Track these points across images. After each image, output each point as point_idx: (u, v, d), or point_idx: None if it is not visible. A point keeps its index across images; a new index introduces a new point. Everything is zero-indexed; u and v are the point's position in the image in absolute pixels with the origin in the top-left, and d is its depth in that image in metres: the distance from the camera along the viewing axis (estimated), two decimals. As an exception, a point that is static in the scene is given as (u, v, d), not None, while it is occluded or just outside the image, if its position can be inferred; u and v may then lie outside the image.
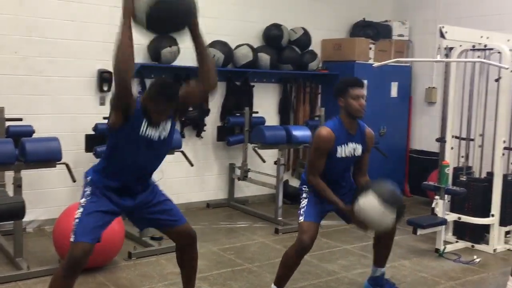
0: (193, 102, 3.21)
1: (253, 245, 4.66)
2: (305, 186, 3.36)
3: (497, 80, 4.67)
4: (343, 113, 3.26)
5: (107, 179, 2.71)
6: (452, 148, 4.79)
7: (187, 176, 5.71)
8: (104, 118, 4.30)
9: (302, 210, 3.28)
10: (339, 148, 3.23)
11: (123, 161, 2.70)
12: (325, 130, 3.21)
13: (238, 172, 5.90)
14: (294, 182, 6.15)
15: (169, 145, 2.86)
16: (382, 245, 3.47)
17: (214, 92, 2.76)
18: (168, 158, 3.07)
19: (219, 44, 5.64)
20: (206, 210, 5.83)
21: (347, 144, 3.26)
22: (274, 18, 6.13)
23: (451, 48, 4.83)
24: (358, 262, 4.25)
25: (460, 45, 4.75)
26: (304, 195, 3.35)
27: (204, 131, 5.81)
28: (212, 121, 5.89)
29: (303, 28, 6.25)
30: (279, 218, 5.22)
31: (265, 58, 5.93)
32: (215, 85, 2.73)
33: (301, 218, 3.25)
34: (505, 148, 4.59)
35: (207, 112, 5.74)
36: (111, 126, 2.65)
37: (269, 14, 6.15)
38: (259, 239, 4.81)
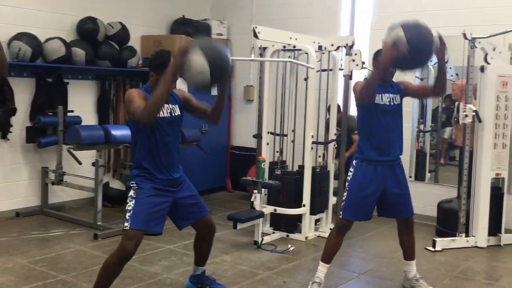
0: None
1: (69, 253, 4.34)
2: (133, 182, 3.12)
3: (306, 79, 5.01)
4: None
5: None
6: (268, 143, 5.03)
7: (-10, 183, 5.11)
8: None
9: (128, 214, 3.02)
10: None
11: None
12: None
13: (52, 176, 5.46)
14: (116, 184, 5.91)
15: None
16: (203, 245, 3.47)
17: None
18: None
19: (26, 37, 5.15)
20: (15, 220, 5.29)
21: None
22: (89, 11, 5.79)
23: (265, 48, 5.06)
24: (181, 262, 4.21)
25: (273, 45, 5.00)
26: (132, 193, 3.08)
27: (11, 132, 5.25)
28: (20, 121, 5.35)
29: (121, 23, 6.02)
30: (99, 223, 4.95)
31: (79, 53, 5.57)
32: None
33: (127, 225, 3.00)
34: (313, 143, 4.95)
35: (13, 111, 5.19)
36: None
37: (83, 7, 5.79)
38: (75, 247, 4.49)
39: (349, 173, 3.62)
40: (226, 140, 7.06)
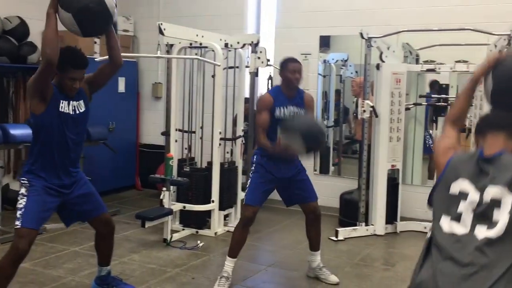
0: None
1: (-37, 261, 4.07)
2: (24, 178, 3.02)
3: (213, 76, 5.05)
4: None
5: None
6: (176, 141, 5.03)
7: None
8: None
9: (20, 212, 2.94)
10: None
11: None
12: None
13: None
14: (17, 186, 5.61)
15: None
16: (103, 244, 3.41)
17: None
18: None
19: None
20: None
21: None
22: (-18, 4, 5.45)
23: (172, 45, 5.04)
24: (87, 263, 4.11)
25: (180, 42, 4.99)
26: (24, 190, 2.99)
27: None
28: None
29: (19, 18, 5.72)
30: (-2, 227, 4.70)
31: (-27, 48, 5.23)
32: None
33: (18, 223, 2.92)
34: (221, 139, 5.01)
35: None
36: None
37: (-25, -1, 5.45)
38: (-30, 254, 4.23)
39: (252, 168, 3.78)
40: (135, 137, 6.94)
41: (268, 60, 4.91)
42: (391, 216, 5.12)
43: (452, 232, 1.84)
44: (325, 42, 6.10)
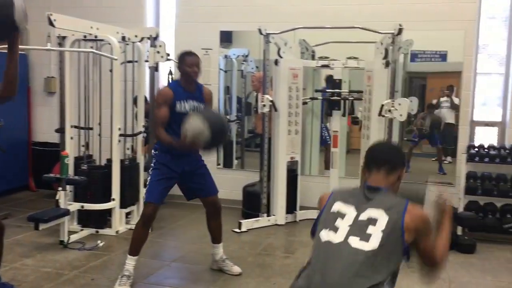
0: None
1: None
2: None
3: (111, 71, 4.90)
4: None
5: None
6: (72, 138, 4.81)
7: None
8: None
9: None
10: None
11: None
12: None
13: None
14: None
15: None
16: None
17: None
18: None
19: None
20: None
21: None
22: None
23: (64, 37, 4.81)
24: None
25: (73, 35, 4.77)
26: None
27: None
28: None
29: None
30: None
31: None
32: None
33: None
34: (120, 135, 4.88)
35: None
36: None
37: None
38: None
39: (152, 164, 3.74)
40: (27, 135, 6.55)
41: (168, 55, 4.85)
42: (291, 206, 5.30)
43: (329, 240, 1.98)
44: (226, 38, 6.15)
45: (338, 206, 2.05)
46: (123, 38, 4.98)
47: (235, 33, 6.18)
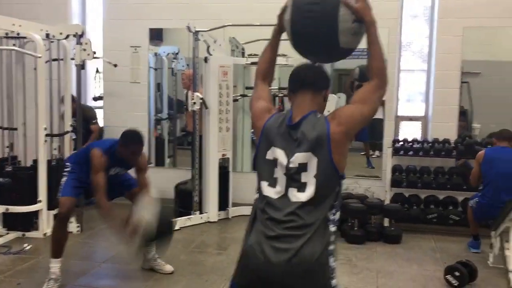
0: None
1: None
2: None
3: (35, 69, 4.74)
4: None
5: None
6: (-6, 139, 4.63)
7: None
8: None
9: None
10: None
11: None
12: None
13: None
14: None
15: None
16: None
17: None
18: None
19: None
20: None
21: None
22: None
23: (-16, 35, 4.62)
24: None
25: (-7, 32, 4.60)
26: None
27: None
28: None
29: None
30: None
31: None
32: None
33: None
34: (47, 135, 4.74)
35: None
36: None
37: None
38: None
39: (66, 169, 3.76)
40: None
41: (95, 52, 4.76)
42: (224, 203, 5.33)
43: (270, 195, 1.94)
44: (157, 35, 6.10)
45: (271, 153, 1.96)
46: (47, 35, 4.83)
47: (166, 31, 6.14)
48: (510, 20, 5.41)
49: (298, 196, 1.89)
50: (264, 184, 1.97)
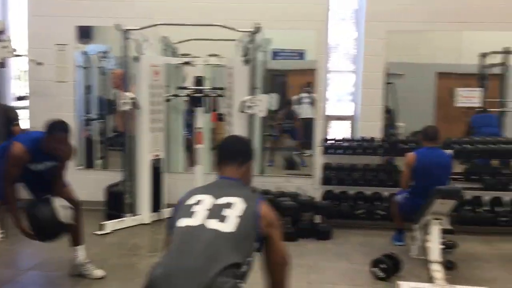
0: None
1: None
2: None
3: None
4: None
5: None
6: None
7: None
8: None
9: None
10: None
11: None
12: None
13: None
14: None
15: None
16: None
17: None
18: None
19: None
20: None
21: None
22: None
23: None
24: None
25: None
26: None
27: None
28: None
29: None
30: None
31: None
32: None
33: None
34: (-35, 137, 4.49)
35: None
36: None
37: None
38: None
39: None
40: None
41: (15, 50, 4.55)
42: (157, 204, 5.27)
43: (187, 225, 2.01)
44: (85, 33, 5.91)
45: (194, 198, 2.10)
46: (-35, 31, 4.57)
47: (96, 29, 5.97)
48: (431, 25, 5.69)
49: (217, 225, 1.98)
50: (181, 220, 2.05)
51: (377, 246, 4.67)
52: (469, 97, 5.80)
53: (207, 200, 2.07)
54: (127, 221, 5.09)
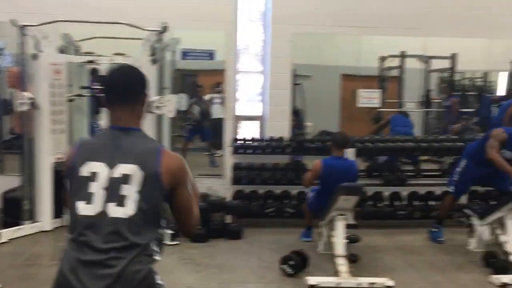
0: None
1: None
2: None
3: None
4: None
5: None
6: None
7: None
8: None
9: None
10: None
11: None
12: None
13: None
14: None
15: None
16: None
17: None
18: None
19: None
20: None
21: None
22: None
23: None
24: None
25: None
26: None
27: None
28: None
29: None
30: None
31: None
32: None
33: None
34: None
35: None
36: None
37: None
38: None
39: None
40: None
41: None
42: (59, 209, 4.99)
43: (86, 214, 1.76)
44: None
45: (87, 168, 1.80)
46: None
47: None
48: (333, 29, 5.91)
49: (118, 211, 1.74)
50: (79, 203, 1.77)
51: (287, 243, 4.75)
52: (369, 98, 6.10)
53: (102, 174, 1.77)
54: (26, 228, 4.78)
